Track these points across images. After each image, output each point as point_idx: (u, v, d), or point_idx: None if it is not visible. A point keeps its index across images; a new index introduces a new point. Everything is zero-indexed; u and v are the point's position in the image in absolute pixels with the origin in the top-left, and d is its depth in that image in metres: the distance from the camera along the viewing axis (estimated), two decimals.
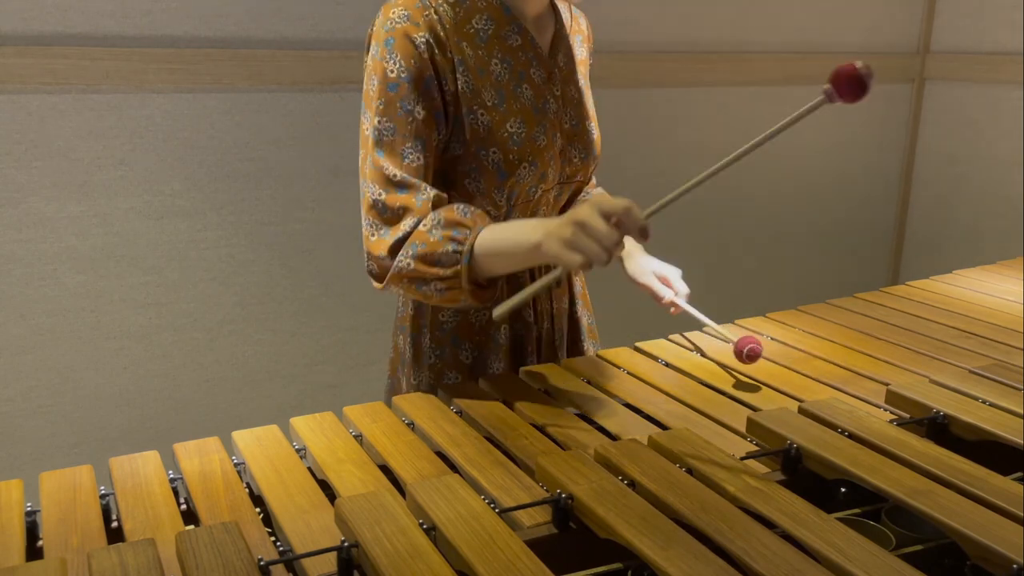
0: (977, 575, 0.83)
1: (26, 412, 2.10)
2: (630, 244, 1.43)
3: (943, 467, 0.95)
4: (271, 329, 2.32)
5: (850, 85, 0.99)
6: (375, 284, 1.21)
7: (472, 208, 1.17)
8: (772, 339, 1.45)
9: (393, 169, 1.16)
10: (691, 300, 1.41)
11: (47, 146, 1.99)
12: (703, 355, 1.39)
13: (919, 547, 0.87)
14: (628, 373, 1.31)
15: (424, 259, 1.13)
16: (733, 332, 1.47)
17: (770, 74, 2.96)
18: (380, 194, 1.17)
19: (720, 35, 2.84)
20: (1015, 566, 0.77)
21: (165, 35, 2.05)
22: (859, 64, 0.98)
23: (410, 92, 1.16)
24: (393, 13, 1.18)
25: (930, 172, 3.28)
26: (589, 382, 1.28)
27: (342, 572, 0.81)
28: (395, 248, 1.16)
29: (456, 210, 1.15)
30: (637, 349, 1.41)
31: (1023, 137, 2.95)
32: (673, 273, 1.39)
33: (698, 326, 1.43)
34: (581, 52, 1.38)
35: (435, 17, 1.17)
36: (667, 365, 1.34)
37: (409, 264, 1.14)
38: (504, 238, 1.12)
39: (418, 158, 1.17)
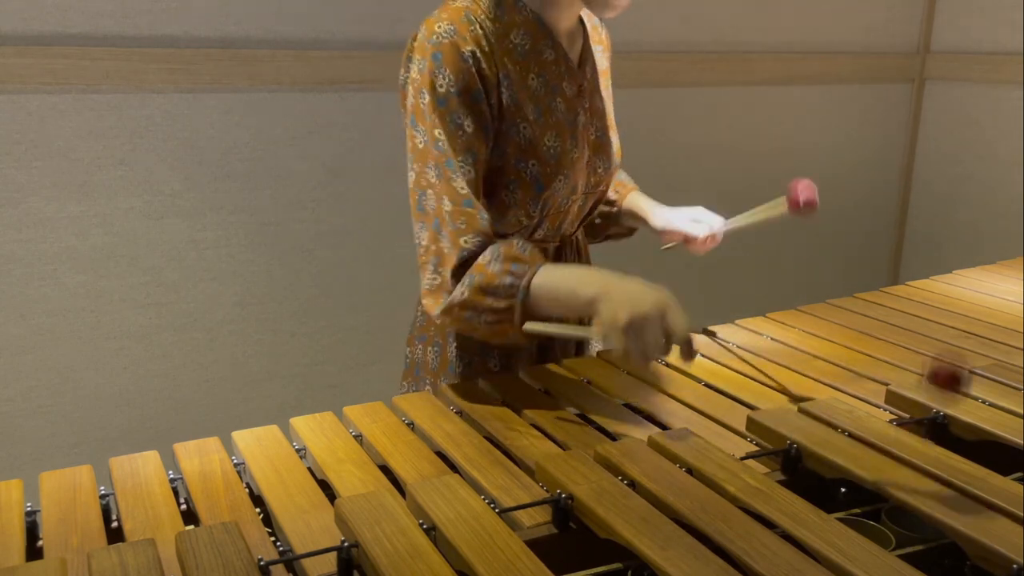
0: (977, 575, 0.83)
1: (26, 412, 2.10)
2: (644, 200, 1.45)
3: (943, 467, 0.95)
4: (271, 329, 2.32)
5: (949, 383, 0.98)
6: (431, 306, 1.18)
7: (529, 245, 1.17)
8: (772, 339, 1.45)
9: (458, 181, 1.15)
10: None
11: (47, 146, 1.99)
12: (704, 356, 1.39)
13: (919, 547, 0.87)
14: (628, 373, 1.31)
15: (481, 289, 1.13)
16: (730, 331, 1.47)
17: (770, 74, 2.96)
18: (447, 204, 1.15)
19: (720, 35, 2.84)
20: (1015, 566, 0.77)
21: (165, 35, 2.05)
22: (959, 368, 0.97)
23: (460, 106, 1.15)
24: (439, 27, 1.17)
25: (930, 172, 3.28)
26: (589, 382, 1.28)
27: (342, 572, 0.81)
28: (461, 264, 1.14)
29: (516, 245, 1.15)
30: None
31: (1023, 137, 2.95)
32: (701, 212, 1.42)
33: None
34: (603, 62, 1.40)
35: (480, 32, 1.17)
36: (667, 365, 1.34)
37: (464, 293, 1.13)
38: (562, 283, 1.12)
39: (469, 171, 1.17)
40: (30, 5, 1.91)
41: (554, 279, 1.12)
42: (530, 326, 1.12)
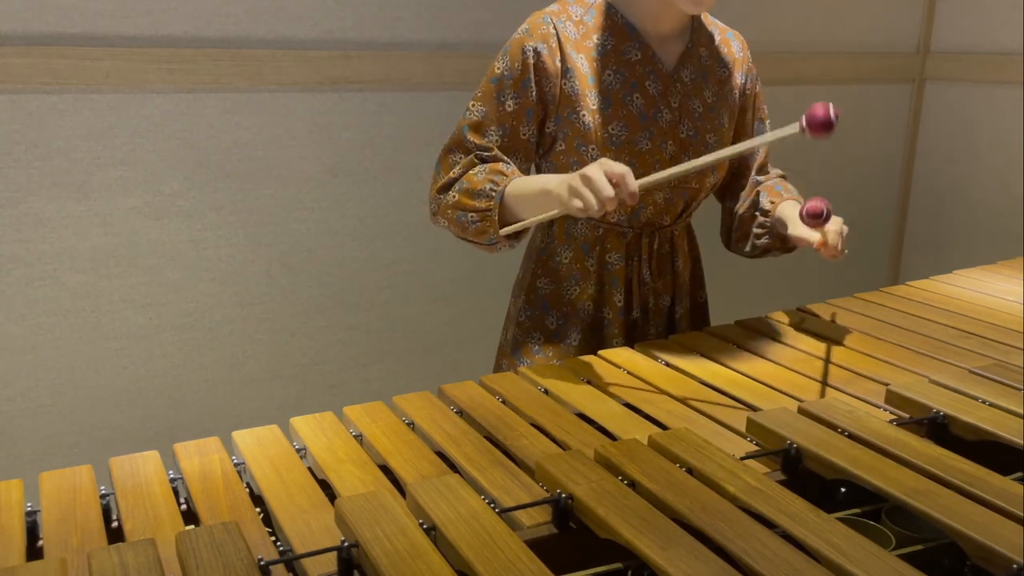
0: (977, 575, 0.83)
1: (26, 412, 2.10)
2: (789, 212, 1.46)
3: (943, 467, 0.95)
4: (271, 329, 2.32)
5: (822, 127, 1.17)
6: (431, 217, 1.45)
7: (512, 165, 1.38)
8: (772, 339, 1.45)
9: (471, 143, 1.39)
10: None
11: (47, 146, 1.99)
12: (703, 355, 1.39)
13: (919, 547, 0.87)
14: (628, 373, 1.31)
15: (467, 193, 1.35)
16: (730, 331, 1.47)
17: (770, 74, 2.95)
18: (454, 155, 1.41)
19: None
20: (1015, 566, 0.77)
21: (165, 35, 2.05)
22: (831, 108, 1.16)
23: (508, 88, 1.38)
24: (521, 28, 1.40)
25: (930, 172, 3.28)
26: (589, 382, 1.28)
27: (342, 572, 0.81)
28: (445, 186, 1.39)
29: (500, 164, 1.37)
30: (637, 349, 1.41)
31: (1023, 137, 2.95)
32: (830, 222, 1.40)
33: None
34: (723, 72, 1.50)
35: (552, 31, 1.38)
36: (667, 365, 1.34)
37: (455, 197, 1.37)
38: (528, 184, 1.31)
39: (498, 140, 1.39)
40: (30, 5, 1.91)
41: (523, 182, 1.32)
42: (505, 230, 1.32)
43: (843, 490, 0.99)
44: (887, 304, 1.63)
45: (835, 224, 1.38)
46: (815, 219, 1.33)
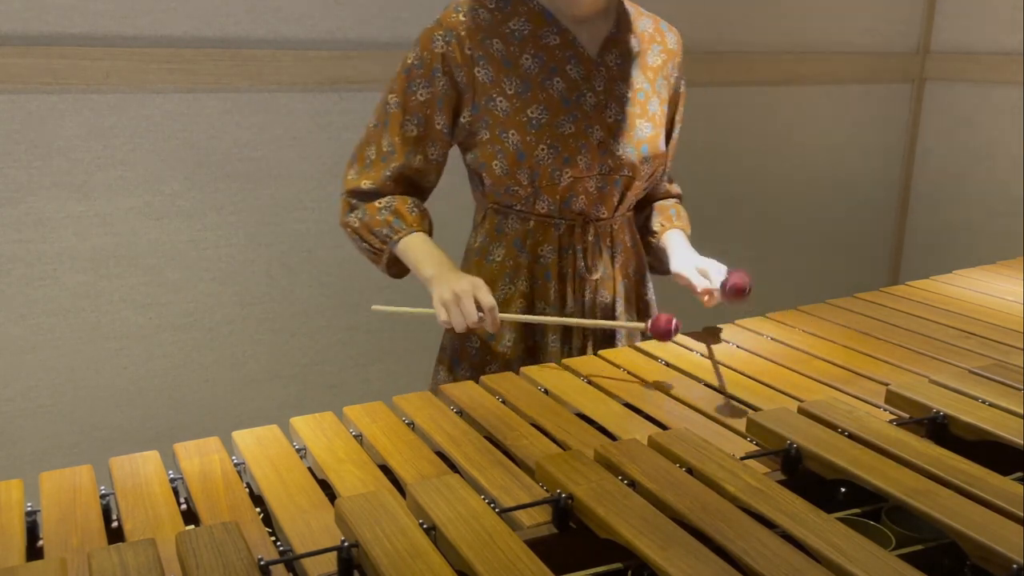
0: (977, 575, 0.83)
1: (26, 412, 2.10)
2: (678, 245, 1.51)
3: (943, 467, 0.95)
4: (271, 329, 2.32)
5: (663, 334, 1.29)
6: (340, 213, 1.47)
7: (420, 207, 1.43)
8: (772, 339, 1.45)
9: (389, 138, 1.42)
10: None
11: (47, 146, 1.99)
12: (704, 355, 1.39)
13: (919, 547, 0.87)
14: (628, 373, 1.31)
15: (366, 227, 1.42)
16: (730, 331, 1.47)
17: (770, 74, 2.96)
18: (370, 152, 1.44)
19: (720, 35, 2.84)
20: (1015, 566, 0.77)
21: (165, 35, 2.05)
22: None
23: (418, 78, 1.39)
24: (433, 21, 1.40)
25: (930, 172, 3.28)
26: (589, 382, 1.28)
27: (342, 572, 0.81)
28: (353, 193, 1.44)
29: (407, 204, 1.42)
30: (637, 349, 1.41)
31: (1023, 137, 2.95)
32: (713, 267, 1.42)
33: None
34: (655, 60, 1.48)
35: (460, 19, 1.38)
36: (667, 365, 1.34)
37: (355, 223, 1.43)
38: (415, 255, 1.38)
39: (413, 129, 1.41)
40: (30, 5, 1.91)
41: (413, 249, 1.39)
42: (377, 308, 1.42)
43: (843, 490, 0.99)
44: (887, 304, 1.63)
45: (715, 282, 1.39)
46: (737, 295, 1.31)
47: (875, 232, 3.39)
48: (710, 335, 1.46)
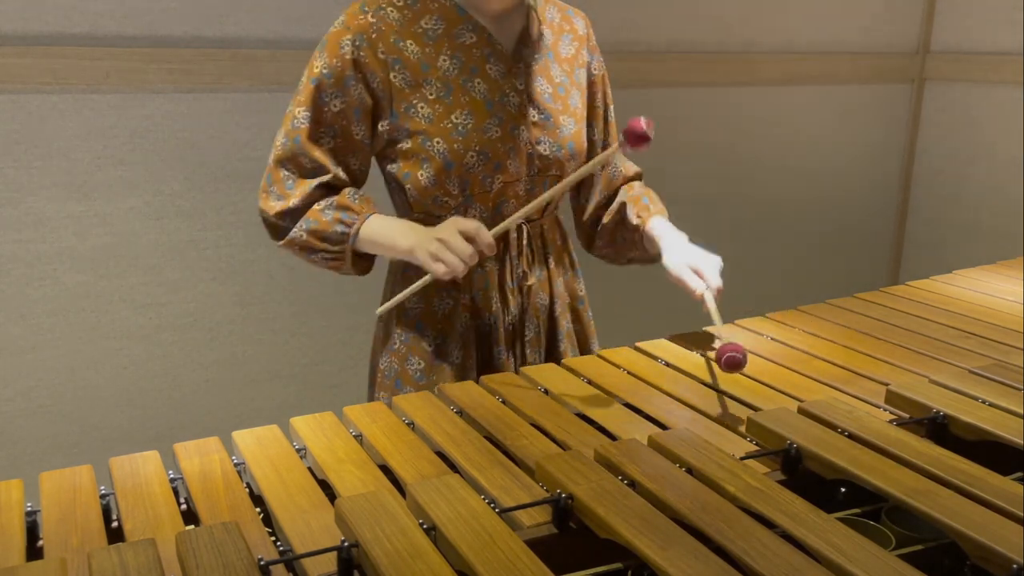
0: (977, 575, 0.83)
1: (26, 412, 2.10)
2: (671, 237, 1.41)
3: (943, 467, 0.95)
4: (271, 329, 2.32)
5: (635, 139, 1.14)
6: (271, 236, 1.39)
7: (361, 194, 1.33)
8: (772, 339, 1.45)
9: (309, 154, 1.32)
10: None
11: (47, 146, 1.99)
12: (703, 355, 1.39)
13: (919, 547, 0.87)
14: (628, 373, 1.31)
15: (315, 234, 1.31)
16: (731, 332, 1.47)
17: (770, 74, 2.96)
18: (284, 172, 1.34)
19: (720, 35, 2.84)
20: (1015, 566, 0.77)
21: (165, 35, 2.05)
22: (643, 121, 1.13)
23: (329, 87, 1.29)
24: (337, 20, 1.31)
25: (930, 172, 3.28)
26: (589, 382, 1.28)
27: (342, 572, 0.81)
28: (281, 215, 1.33)
29: (347, 195, 1.32)
30: (637, 349, 1.41)
31: (1023, 137, 2.95)
32: (708, 264, 1.34)
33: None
34: (568, 50, 1.42)
35: (369, 21, 1.29)
36: (667, 365, 1.34)
37: (302, 236, 1.32)
38: (384, 234, 1.29)
39: (330, 142, 1.32)
40: (30, 5, 1.91)
41: (377, 229, 1.29)
42: (381, 309, 1.36)
43: (843, 490, 0.99)
44: (887, 304, 1.63)
45: (716, 286, 1.31)
46: (732, 367, 1.17)
47: (875, 232, 3.39)
48: (696, 341, 1.43)
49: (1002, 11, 2.96)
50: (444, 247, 1.21)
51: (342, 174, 1.34)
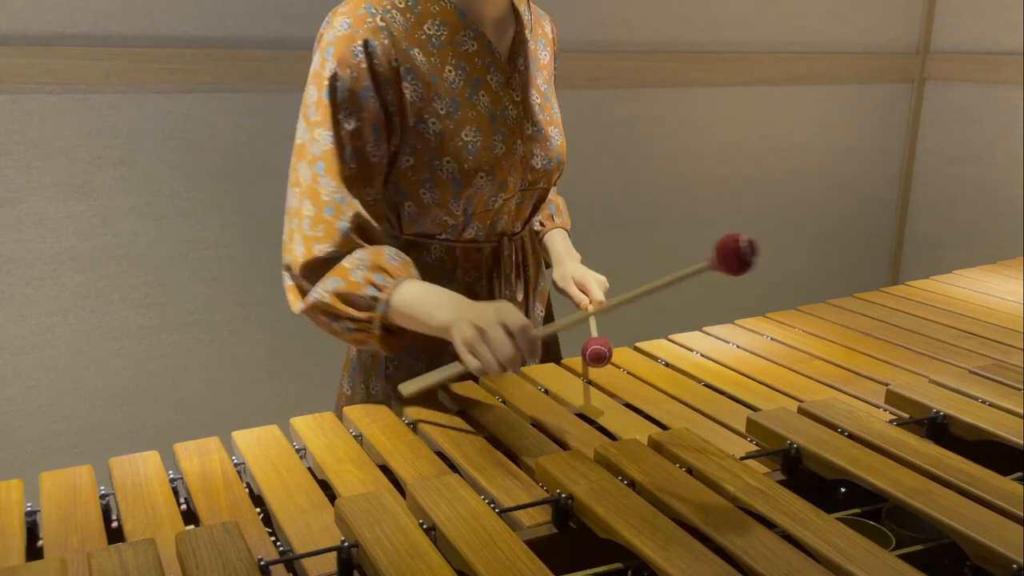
0: (977, 575, 0.83)
1: (26, 412, 2.10)
2: (561, 251, 1.43)
3: (943, 467, 0.95)
4: (271, 329, 2.32)
5: (732, 259, 0.93)
6: (291, 302, 1.18)
7: (400, 255, 1.15)
8: (772, 339, 1.45)
9: (332, 183, 1.13)
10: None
11: (47, 146, 1.99)
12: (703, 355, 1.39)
13: (919, 547, 0.87)
14: (628, 373, 1.31)
15: (341, 297, 1.11)
16: (730, 331, 1.47)
17: (770, 74, 2.96)
18: (308, 208, 1.14)
19: (720, 35, 2.84)
20: (1015, 566, 0.77)
21: (165, 35, 2.05)
22: (743, 239, 0.92)
23: (345, 102, 1.13)
24: (336, 21, 1.15)
25: (930, 172, 3.28)
26: (590, 382, 1.28)
27: (342, 572, 0.81)
28: (311, 268, 1.13)
29: (384, 255, 1.13)
30: (637, 349, 1.41)
31: (1023, 137, 2.95)
32: (592, 280, 1.36)
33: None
34: (544, 56, 1.35)
35: (379, 24, 1.14)
36: (667, 365, 1.34)
37: (324, 297, 1.12)
38: (418, 306, 1.09)
39: (351, 168, 1.14)
40: (30, 5, 1.91)
41: (412, 299, 1.10)
42: (406, 388, 1.14)
43: (843, 490, 0.99)
44: (887, 304, 1.63)
45: (597, 300, 1.33)
46: (596, 362, 1.23)
47: (875, 232, 3.39)
48: (697, 342, 1.44)
49: (1002, 11, 2.96)
50: (482, 340, 1.02)
51: (367, 206, 1.15)
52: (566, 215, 1.52)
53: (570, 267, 1.40)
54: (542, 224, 1.47)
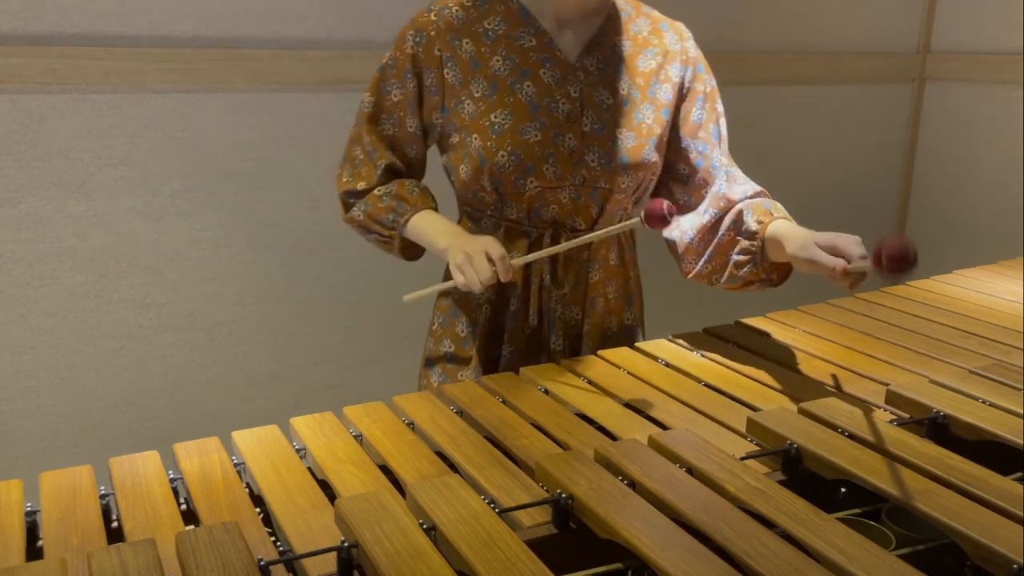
0: (977, 575, 0.83)
1: (26, 412, 2.10)
2: (788, 228, 1.28)
3: (943, 467, 0.95)
4: (271, 329, 2.32)
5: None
6: (340, 212, 1.48)
7: (421, 188, 1.40)
8: (772, 339, 1.45)
9: (368, 137, 1.41)
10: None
11: (47, 146, 1.99)
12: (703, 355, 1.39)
13: (919, 547, 0.87)
14: (628, 373, 1.31)
15: (370, 216, 1.40)
16: (730, 331, 1.47)
17: (770, 74, 2.96)
18: (355, 150, 1.43)
19: (720, 35, 2.83)
20: (1015, 566, 0.77)
21: (165, 35, 2.05)
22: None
23: (391, 77, 1.38)
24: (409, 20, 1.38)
25: (930, 172, 3.28)
26: (589, 382, 1.28)
27: (342, 572, 0.81)
28: (349, 194, 1.43)
29: (407, 186, 1.39)
30: (637, 349, 1.41)
31: (1023, 137, 2.95)
32: (843, 240, 1.17)
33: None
34: (648, 64, 1.38)
35: (431, 19, 1.35)
36: (667, 365, 1.34)
37: (359, 216, 1.42)
38: (427, 230, 1.35)
39: (391, 129, 1.40)
40: (30, 5, 1.91)
41: (422, 224, 1.36)
42: (408, 297, 1.38)
43: (843, 490, 0.99)
44: (887, 304, 1.63)
45: (864, 263, 1.14)
46: (896, 266, 1.03)
47: (875, 232, 3.37)
48: (697, 341, 1.41)
49: (1002, 11, 2.96)
50: (468, 262, 1.23)
51: (397, 162, 1.41)
52: (786, 213, 1.35)
53: (807, 235, 1.22)
54: (759, 221, 1.33)
